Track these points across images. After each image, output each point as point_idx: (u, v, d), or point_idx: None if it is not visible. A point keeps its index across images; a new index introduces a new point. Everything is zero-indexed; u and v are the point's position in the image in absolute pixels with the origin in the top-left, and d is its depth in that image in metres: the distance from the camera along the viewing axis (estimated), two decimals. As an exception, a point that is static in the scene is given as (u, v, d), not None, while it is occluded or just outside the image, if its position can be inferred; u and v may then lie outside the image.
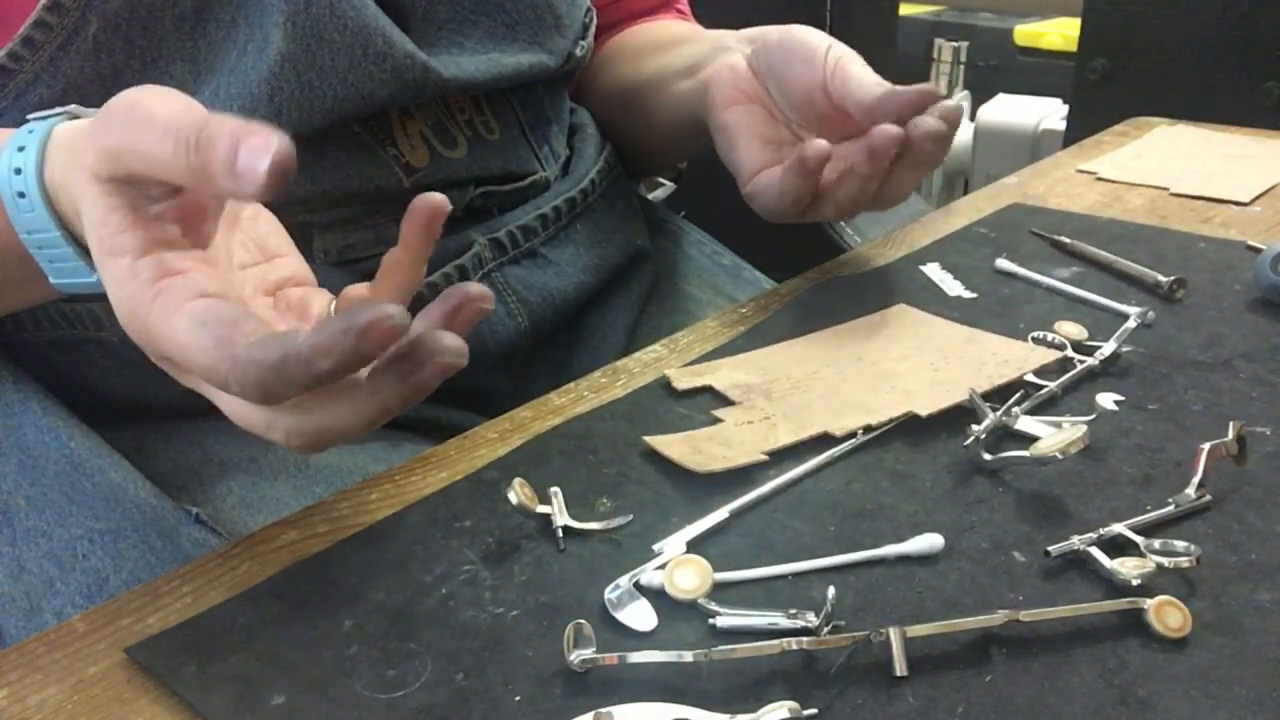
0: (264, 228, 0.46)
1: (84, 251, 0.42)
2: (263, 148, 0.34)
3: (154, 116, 0.37)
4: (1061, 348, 0.56)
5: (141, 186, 0.38)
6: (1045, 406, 0.52)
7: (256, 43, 0.53)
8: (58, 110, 0.43)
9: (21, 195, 0.41)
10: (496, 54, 0.63)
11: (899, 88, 0.57)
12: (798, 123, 0.64)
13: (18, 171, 0.41)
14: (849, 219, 0.62)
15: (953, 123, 0.58)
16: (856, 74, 0.59)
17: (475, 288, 0.39)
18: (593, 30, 0.73)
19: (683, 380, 0.55)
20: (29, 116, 0.44)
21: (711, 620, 0.38)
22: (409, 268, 0.42)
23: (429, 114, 0.62)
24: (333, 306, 0.45)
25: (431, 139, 0.62)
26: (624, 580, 0.40)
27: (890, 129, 0.56)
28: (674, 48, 0.74)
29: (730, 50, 0.67)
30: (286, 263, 0.45)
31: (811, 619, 0.37)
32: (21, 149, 0.42)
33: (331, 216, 0.58)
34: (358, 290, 0.44)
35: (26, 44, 0.50)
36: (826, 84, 0.60)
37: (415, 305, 0.60)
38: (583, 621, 0.37)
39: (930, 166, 0.60)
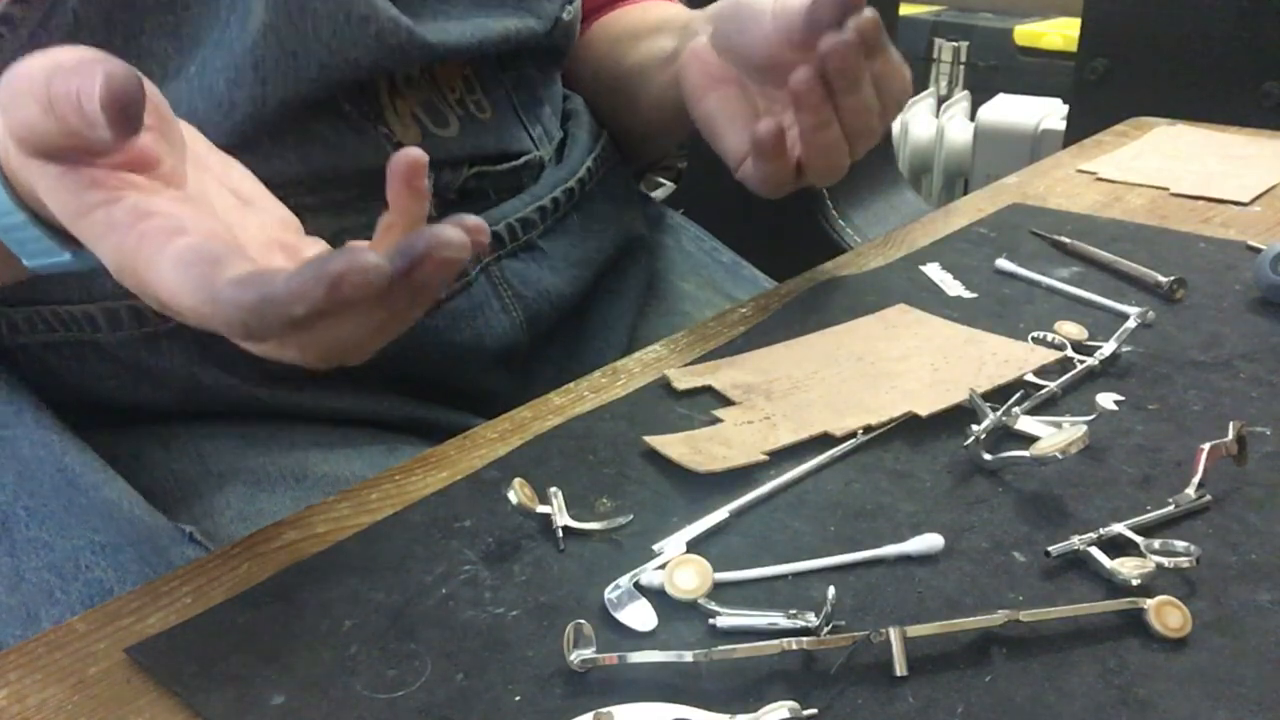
0: (236, 175, 0.45)
1: (53, 231, 0.41)
2: (90, 86, 0.34)
3: (19, 83, 0.37)
4: (1061, 348, 0.56)
5: (65, 153, 0.37)
6: (1045, 406, 0.52)
7: (239, 14, 0.52)
8: None
9: None
10: (483, 19, 0.63)
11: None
12: (771, 84, 0.61)
13: None
14: (840, 174, 0.59)
15: (864, 31, 0.53)
16: (795, 3, 0.56)
17: (470, 219, 0.37)
18: None
19: (683, 380, 0.55)
20: None
21: (711, 620, 0.38)
22: (403, 230, 0.41)
23: (420, 92, 0.61)
24: None
25: (423, 117, 0.61)
26: (624, 580, 0.40)
27: (798, 72, 0.53)
28: (650, 37, 0.73)
29: (696, 35, 0.65)
30: (266, 204, 0.44)
31: (811, 619, 0.37)
32: None
33: (323, 199, 0.58)
34: (357, 245, 0.43)
35: (5, 21, 0.50)
36: (777, 31, 0.57)
37: None
38: (583, 621, 0.37)
39: (886, 93, 0.56)
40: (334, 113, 0.57)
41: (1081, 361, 0.55)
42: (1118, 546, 0.41)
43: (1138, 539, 0.41)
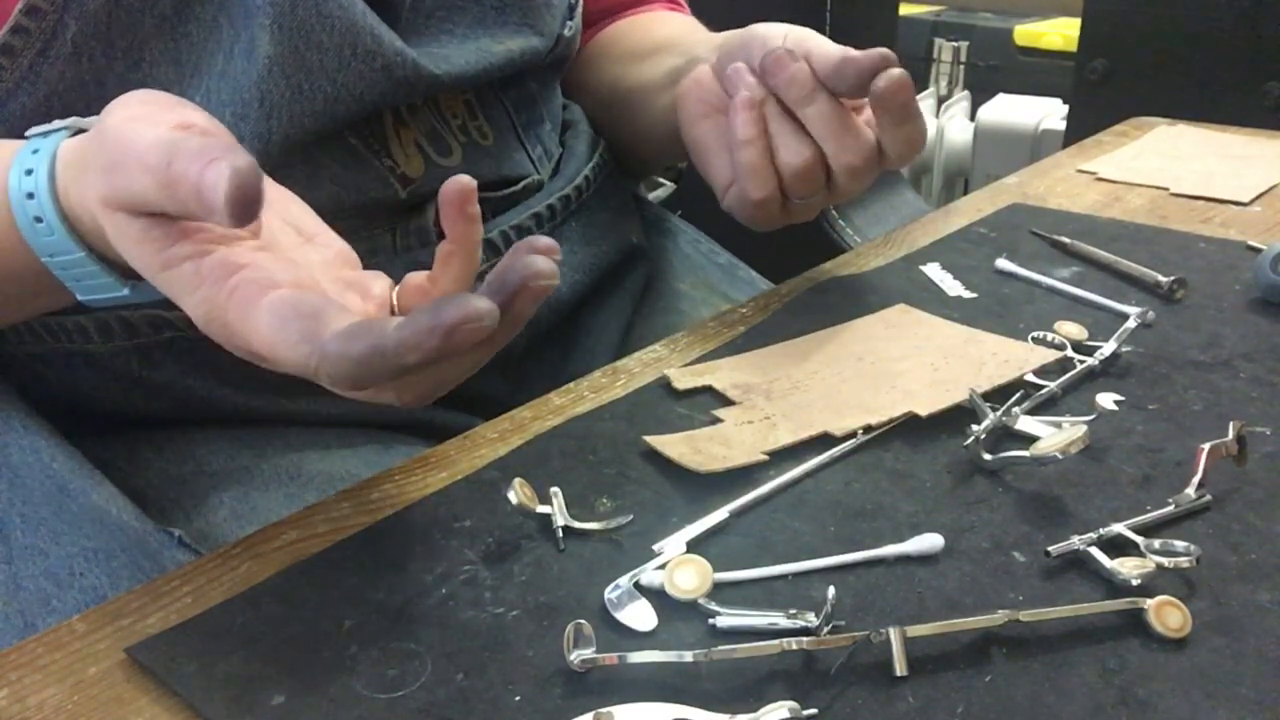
0: (295, 210, 0.46)
1: (111, 267, 0.42)
2: (215, 178, 0.35)
3: (129, 152, 0.37)
4: (1061, 348, 0.56)
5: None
6: (1045, 406, 0.52)
7: (243, 46, 0.52)
8: (58, 125, 0.43)
9: (39, 220, 0.41)
10: (486, 40, 0.63)
11: (854, 54, 0.56)
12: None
13: (30, 196, 0.41)
14: (814, 212, 0.61)
15: (888, 93, 0.54)
16: (815, 46, 0.58)
17: (542, 241, 0.38)
18: (580, 9, 0.72)
19: (683, 380, 0.54)
20: (28, 133, 0.43)
21: (711, 620, 0.38)
22: (462, 256, 0.42)
23: (423, 121, 0.61)
24: (395, 294, 0.44)
25: (426, 147, 0.61)
26: (624, 580, 0.40)
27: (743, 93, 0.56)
28: (654, 56, 0.74)
29: (700, 61, 0.66)
30: (326, 239, 0.45)
31: (811, 619, 0.37)
32: (30, 172, 0.41)
33: None
34: (417, 279, 0.44)
35: (5, 51, 0.49)
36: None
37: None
38: (583, 621, 0.37)
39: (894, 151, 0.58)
40: (339, 146, 0.57)
41: (1081, 361, 0.55)
42: (1118, 546, 0.41)
43: (1138, 539, 0.41)
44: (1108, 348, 0.56)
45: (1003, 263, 0.67)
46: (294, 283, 0.38)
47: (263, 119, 0.52)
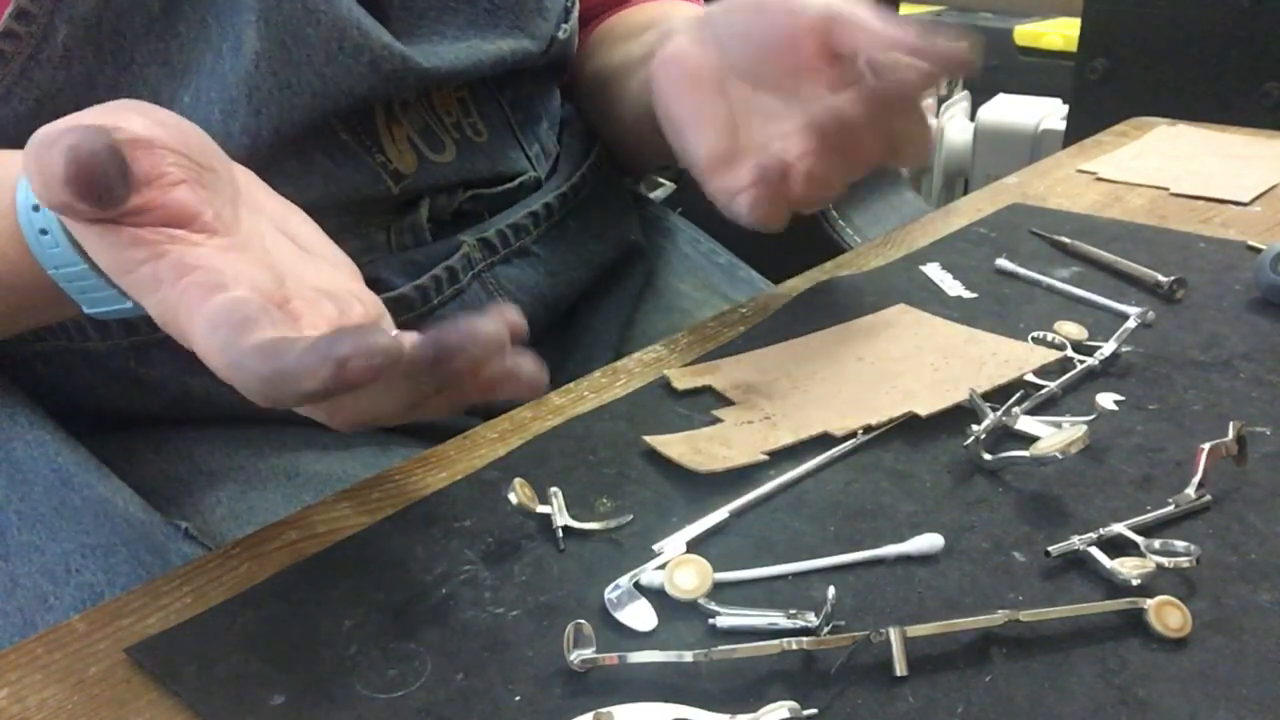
0: (295, 221, 0.45)
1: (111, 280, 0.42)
2: (56, 164, 0.35)
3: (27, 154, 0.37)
4: (1061, 348, 0.56)
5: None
6: (1045, 406, 0.52)
7: (230, 43, 0.52)
8: None
9: (44, 232, 0.41)
10: (477, 40, 0.62)
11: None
12: (770, 80, 0.56)
13: (36, 208, 0.41)
14: (826, 200, 0.57)
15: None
16: (866, 17, 0.53)
17: (510, 313, 0.37)
18: (575, 12, 0.71)
19: (683, 380, 0.54)
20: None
21: (711, 620, 0.38)
22: None
23: (416, 118, 0.61)
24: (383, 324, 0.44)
25: (419, 144, 0.61)
26: (624, 580, 0.40)
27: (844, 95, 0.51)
28: (640, 35, 0.71)
29: (675, 33, 0.60)
30: (325, 253, 0.44)
31: (811, 619, 0.37)
32: None
33: (319, 226, 0.57)
34: (369, 326, 0.43)
35: None
36: (822, 28, 0.54)
37: (403, 308, 0.60)
38: (583, 621, 0.37)
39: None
40: (331, 142, 0.57)
41: (1081, 361, 0.55)
42: (1118, 546, 0.41)
43: (1138, 539, 0.41)
44: (1108, 348, 0.56)
45: (1003, 263, 0.67)
46: (250, 284, 0.38)
47: (251, 115, 0.52)
